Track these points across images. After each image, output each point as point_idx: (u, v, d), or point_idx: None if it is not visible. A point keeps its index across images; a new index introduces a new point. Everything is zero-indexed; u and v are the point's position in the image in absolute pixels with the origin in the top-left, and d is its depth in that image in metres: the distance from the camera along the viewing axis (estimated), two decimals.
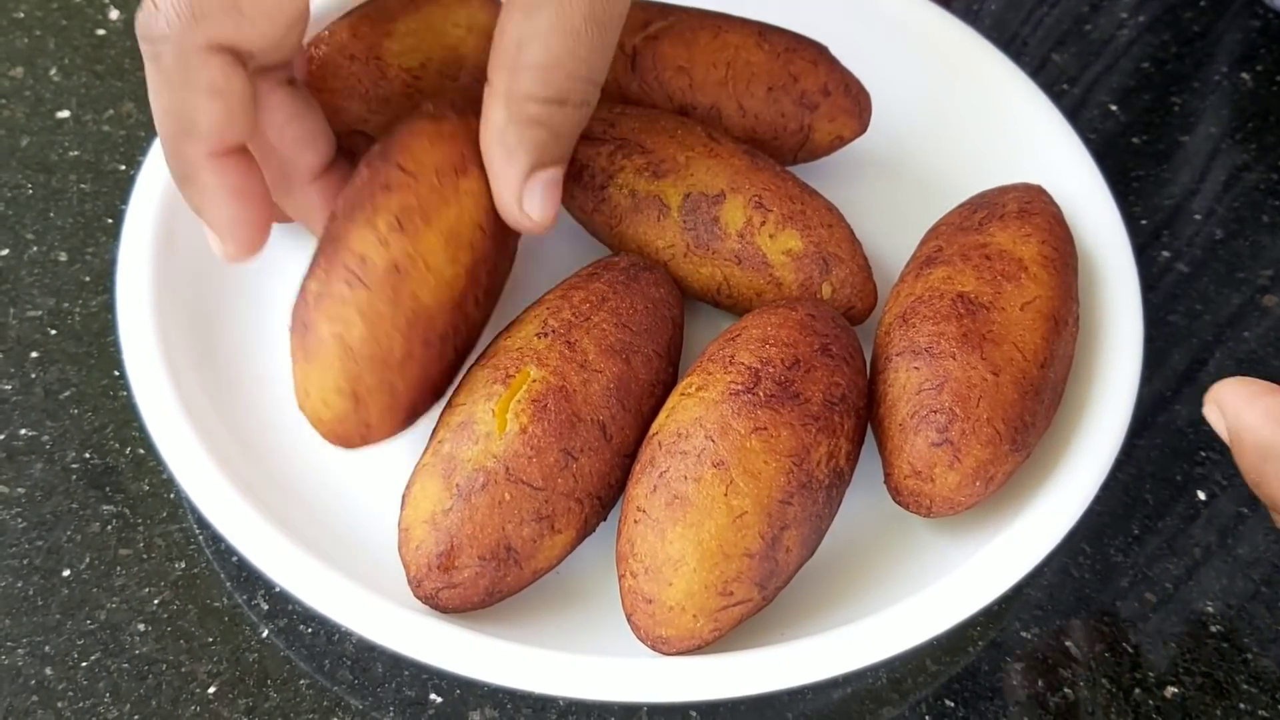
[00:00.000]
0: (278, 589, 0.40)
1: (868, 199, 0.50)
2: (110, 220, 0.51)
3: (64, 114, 0.55)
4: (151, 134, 0.48)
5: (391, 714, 0.40)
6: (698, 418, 0.38)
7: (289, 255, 0.49)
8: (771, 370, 0.39)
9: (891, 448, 0.40)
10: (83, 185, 0.52)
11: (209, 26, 0.35)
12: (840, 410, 0.39)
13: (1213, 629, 0.43)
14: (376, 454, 0.43)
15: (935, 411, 0.39)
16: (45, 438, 0.45)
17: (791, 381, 0.39)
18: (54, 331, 0.48)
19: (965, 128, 0.53)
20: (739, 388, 0.38)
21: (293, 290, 0.38)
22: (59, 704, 0.39)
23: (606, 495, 0.40)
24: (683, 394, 0.39)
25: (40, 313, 0.48)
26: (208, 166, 0.37)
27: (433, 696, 0.40)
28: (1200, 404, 0.36)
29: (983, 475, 0.39)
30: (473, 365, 0.41)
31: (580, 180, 0.46)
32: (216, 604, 0.42)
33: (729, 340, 0.40)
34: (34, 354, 0.47)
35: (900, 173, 0.52)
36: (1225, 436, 0.34)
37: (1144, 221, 0.54)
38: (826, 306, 0.42)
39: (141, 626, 0.41)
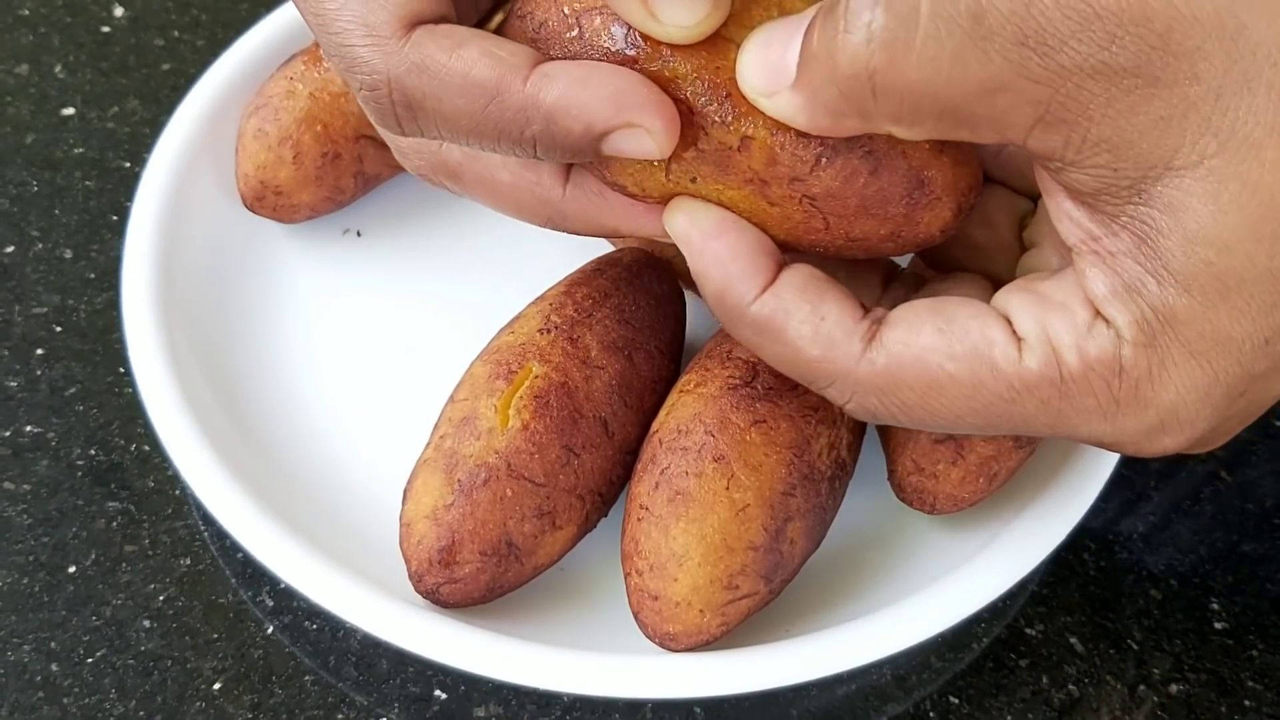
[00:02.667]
0: (283, 585, 0.40)
1: None
2: (115, 217, 0.51)
3: (69, 111, 0.55)
4: (155, 131, 0.48)
5: (396, 710, 0.40)
6: (697, 413, 0.38)
7: (290, 254, 0.49)
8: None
9: (894, 444, 0.40)
10: (88, 182, 0.52)
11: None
12: None
13: (1218, 626, 0.43)
14: (379, 450, 0.44)
15: None
16: (50, 434, 0.45)
17: None
18: (59, 328, 0.48)
19: None
20: (737, 382, 0.38)
21: (295, 290, 0.38)
22: (64, 700, 0.39)
23: (608, 491, 0.40)
24: (682, 391, 0.39)
25: (45, 310, 0.48)
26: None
27: (437, 693, 0.40)
28: None
29: (986, 471, 0.39)
30: (475, 361, 0.41)
31: None
32: (221, 600, 0.42)
33: (726, 336, 0.40)
34: (39, 351, 0.47)
35: None
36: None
37: None
38: None
39: (147, 623, 0.41)
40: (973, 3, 0.26)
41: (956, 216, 0.33)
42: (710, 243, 0.32)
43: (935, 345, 0.31)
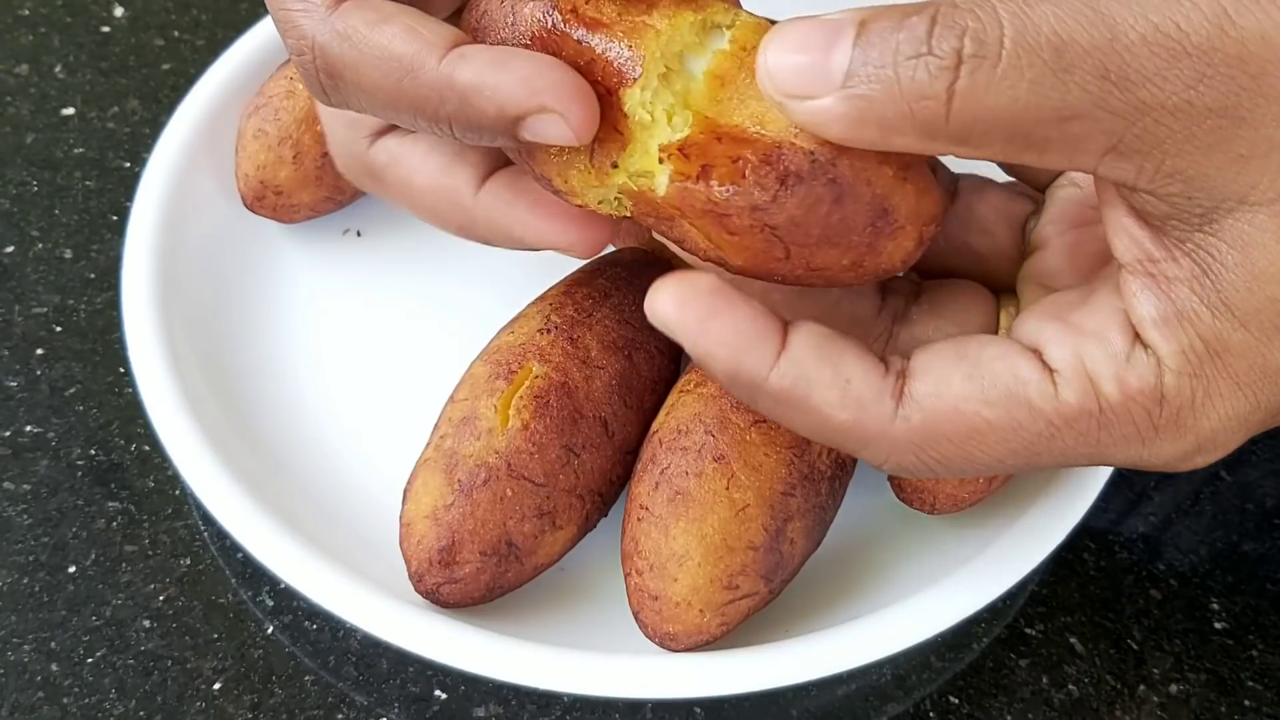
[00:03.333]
0: (283, 585, 0.40)
1: None
2: (115, 217, 0.51)
3: (69, 111, 0.55)
4: (155, 131, 0.48)
5: (396, 710, 0.40)
6: (697, 413, 0.38)
7: (290, 254, 0.49)
8: None
9: None
10: (87, 182, 0.52)
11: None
12: None
13: (1218, 626, 0.43)
14: (379, 450, 0.44)
15: None
16: (50, 434, 0.45)
17: None
18: (59, 328, 0.48)
19: None
20: None
21: (295, 290, 0.38)
22: (64, 700, 0.39)
23: (608, 491, 0.40)
24: (682, 390, 0.39)
25: (45, 309, 0.48)
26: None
27: (437, 693, 0.40)
28: None
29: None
30: (475, 361, 0.41)
31: None
32: (221, 600, 0.42)
33: None
34: (39, 351, 0.47)
35: None
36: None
37: None
38: None
39: (147, 623, 0.41)
40: (1054, 35, 0.26)
41: (919, 246, 0.32)
42: (708, 324, 0.30)
43: (968, 393, 0.30)
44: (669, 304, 0.31)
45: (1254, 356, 0.28)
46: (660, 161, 0.30)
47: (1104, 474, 0.41)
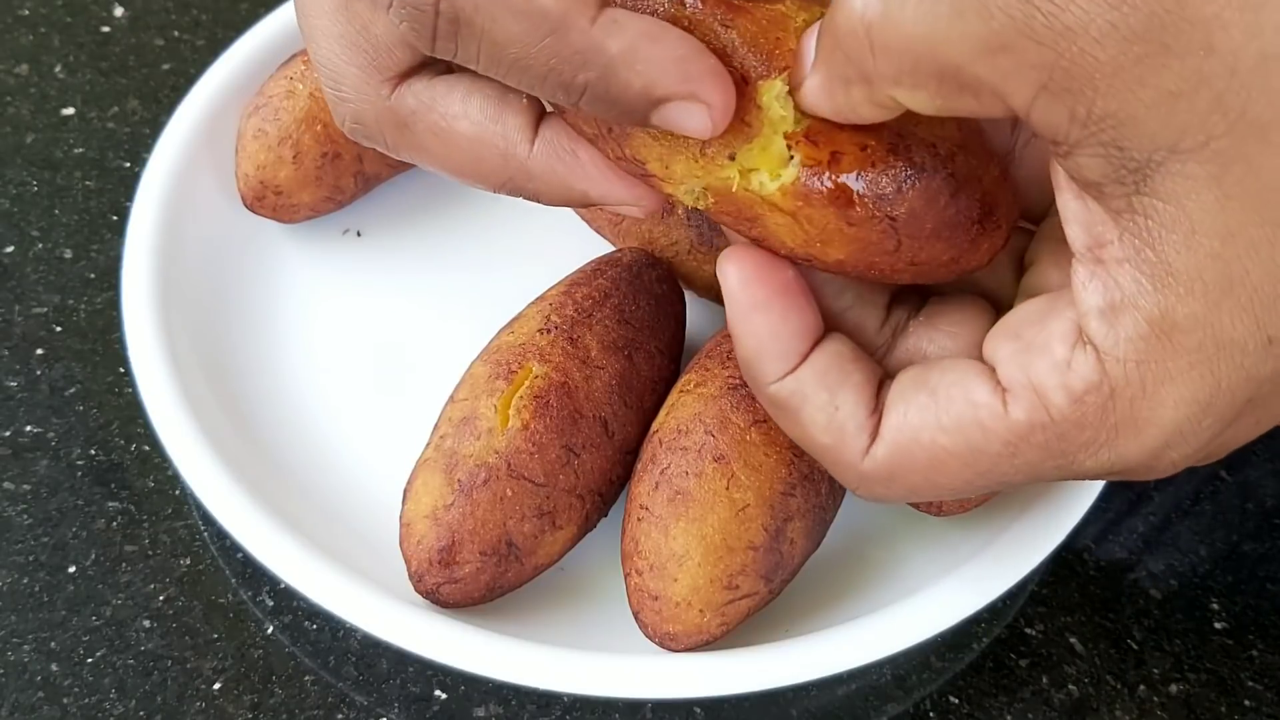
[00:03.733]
0: (282, 585, 0.40)
1: None
2: (115, 217, 0.51)
3: (69, 111, 0.55)
4: (155, 131, 0.48)
5: (396, 710, 0.40)
6: (697, 413, 0.38)
7: (290, 254, 0.49)
8: None
9: None
10: (87, 182, 0.52)
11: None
12: None
13: (1218, 626, 0.43)
14: (379, 450, 0.44)
15: None
16: (50, 434, 0.45)
17: None
18: (59, 328, 0.48)
19: None
20: (737, 381, 0.38)
21: (295, 290, 0.38)
22: (64, 700, 0.39)
23: (608, 491, 0.40)
24: (682, 391, 0.39)
25: (45, 309, 0.48)
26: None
27: (437, 693, 0.40)
28: None
29: None
30: (475, 361, 0.41)
31: None
32: (221, 600, 0.42)
33: (726, 335, 0.40)
34: (39, 351, 0.47)
35: None
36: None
37: None
38: None
39: (147, 623, 0.41)
40: None
41: (1005, 244, 0.32)
42: (754, 315, 0.32)
43: (924, 422, 0.30)
44: (736, 275, 0.32)
45: (1204, 329, 0.27)
46: (789, 149, 0.30)
47: None
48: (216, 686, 0.40)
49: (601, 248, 0.47)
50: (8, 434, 0.45)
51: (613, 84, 0.28)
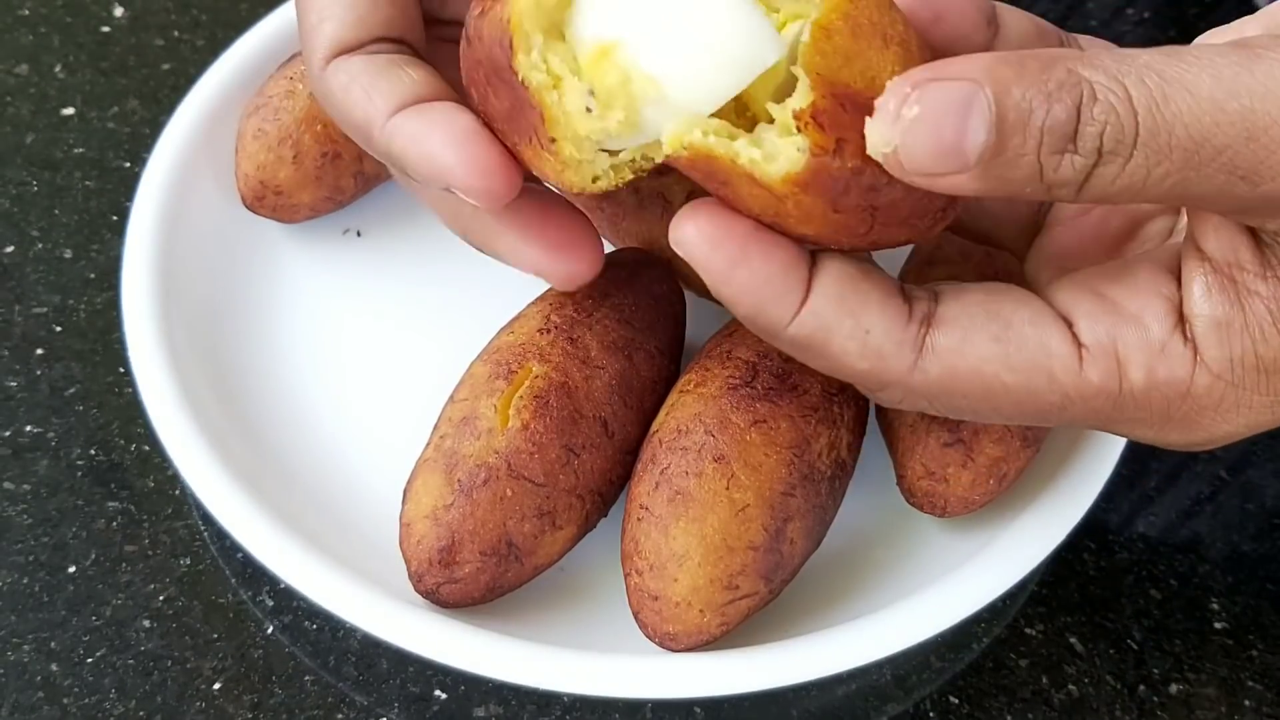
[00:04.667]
0: (282, 585, 0.40)
1: None
2: (115, 217, 0.51)
3: (69, 111, 0.55)
4: (155, 131, 0.48)
5: (396, 710, 0.40)
6: (697, 413, 0.38)
7: (290, 254, 0.49)
8: (769, 363, 0.39)
9: (903, 449, 0.40)
10: (87, 182, 0.52)
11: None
12: (840, 401, 0.39)
13: (1218, 626, 0.43)
14: (379, 450, 0.44)
15: None
16: (50, 434, 0.45)
17: (789, 374, 0.39)
18: (59, 328, 0.48)
19: None
20: (737, 381, 0.38)
21: (295, 290, 0.38)
22: (64, 700, 0.39)
23: (608, 491, 0.40)
24: (682, 391, 0.39)
25: (45, 309, 0.48)
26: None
27: (437, 693, 0.40)
28: None
29: (996, 473, 0.39)
30: (475, 361, 0.41)
31: None
32: (221, 600, 0.42)
33: (726, 335, 0.40)
34: (39, 351, 0.47)
35: None
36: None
37: None
38: None
39: (147, 623, 0.41)
40: (1187, 137, 0.25)
41: (943, 232, 0.33)
42: (737, 271, 0.30)
43: (992, 355, 0.30)
44: (699, 242, 0.30)
45: None
46: (798, 131, 0.28)
47: (1104, 475, 0.41)
48: (216, 686, 0.40)
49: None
50: (8, 434, 0.45)
51: (412, 173, 0.33)
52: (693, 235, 0.30)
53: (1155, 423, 0.30)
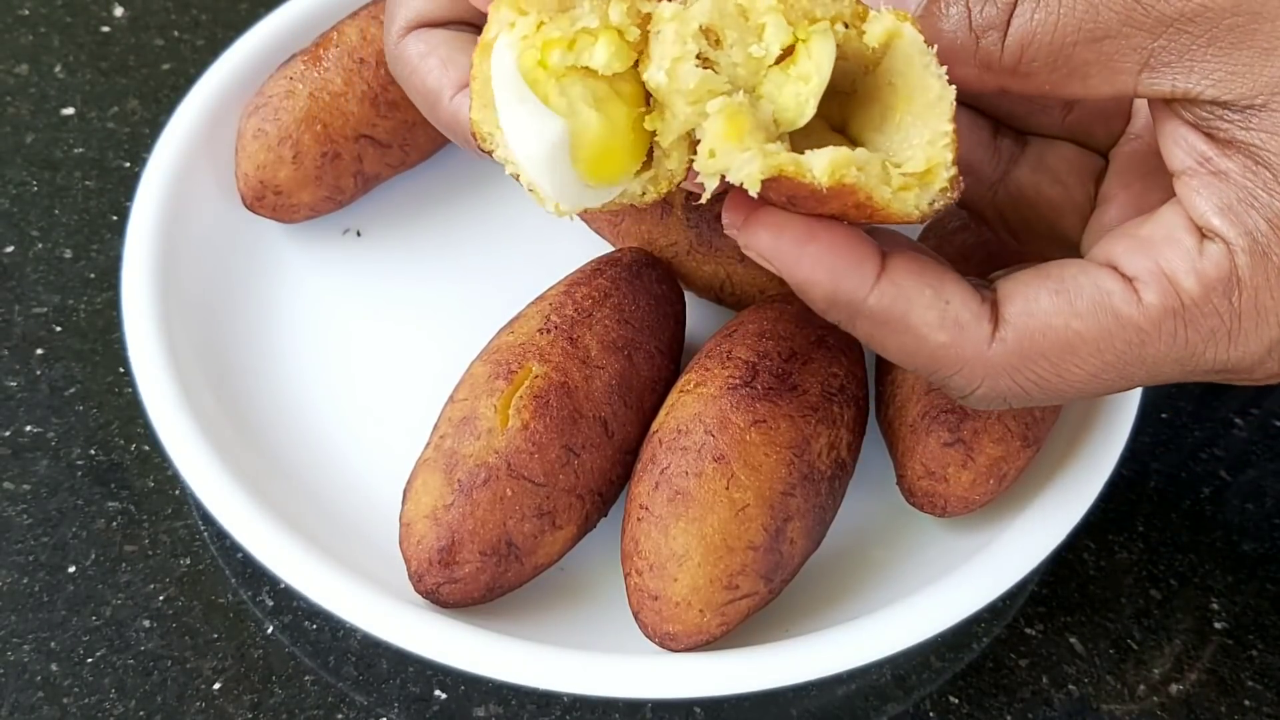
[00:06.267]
0: (282, 585, 0.40)
1: None
2: (115, 217, 0.51)
3: (69, 111, 0.55)
4: (155, 131, 0.48)
5: (396, 710, 0.40)
6: (697, 413, 0.38)
7: (290, 254, 0.49)
8: (769, 363, 0.39)
9: (903, 449, 0.40)
10: (87, 182, 0.52)
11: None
12: (839, 401, 0.39)
13: (1218, 626, 0.43)
14: (379, 450, 0.44)
15: (946, 411, 0.39)
16: (50, 434, 0.45)
17: (789, 374, 0.39)
18: (59, 328, 0.48)
19: None
20: (737, 382, 0.38)
21: (295, 290, 0.38)
22: (64, 700, 0.39)
23: (608, 491, 0.40)
24: (682, 391, 0.39)
25: (45, 309, 0.48)
26: None
27: (437, 693, 0.40)
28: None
29: (996, 473, 0.39)
30: (475, 361, 0.41)
31: None
32: (221, 600, 0.42)
33: (726, 336, 0.40)
34: (39, 351, 0.47)
35: None
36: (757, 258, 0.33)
37: None
38: None
39: (147, 623, 0.41)
40: None
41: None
42: (806, 247, 0.31)
43: (1057, 307, 0.31)
44: (765, 232, 0.32)
45: None
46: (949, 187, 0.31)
47: (1104, 475, 0.41)
48: (216, 686, 0.40)
49: (601, 248, 0.47)
50: (8, 434, 0.45)
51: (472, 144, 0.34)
52: (761, 231, 0.32)
53: (1229, 327, 0.31)
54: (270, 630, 0.41)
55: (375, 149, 0.48)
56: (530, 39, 0.30)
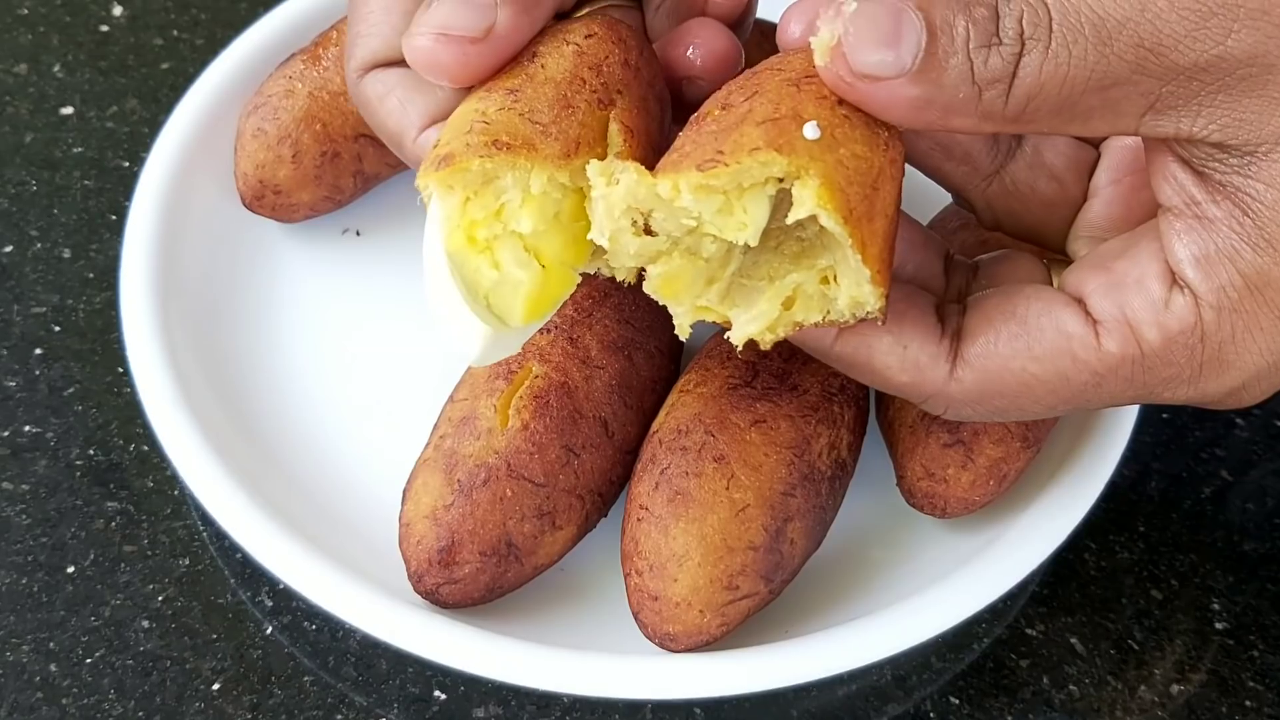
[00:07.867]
0: (281, 586, 0.40)
1: None
2: (114, 217, 0.51)
3: (68, 110, 0.55)
4: (154, 130, 0.48)
5: (395, 711, 0.40)
6: (697, 413, 0.38)
7: (290, 254, 0.49)
8: (769, 363, 0.39)
9: (903, 450, 0.40)
10: (86, 182, 0.52)
11: None
12: (840, 401, 0.39)
13: (1218, 626, 0.43)
14: (379, 450, 0.43)
15: None
16: (49, 434, 0.45)
17: (789, 374, 0.39)
18: (58, 328, 0.48)
19: None
20: (737, 381, 0.38)
21: (294, 290, 0.38)
22: (63, 700, 0.39)
23: (608, 491, 0.40)
24: (682, 390, 0.39)
25: (44, 309, 0.48)
26: None
27: (437, 693, 0.40)
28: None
29: (996, 474, 0.39)
30: None
31: None
32: (220, 601, 0.42)
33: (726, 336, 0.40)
34: (38, 351, 0.47)
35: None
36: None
37: None
38: None
39: (146, 623, 0.41)
40: (1091, 12, 0.28)
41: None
42: None
43: (1015, 351, 0.32)
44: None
45: None
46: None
47: (1104, 475, 0.41)
48: (216, 687, 0.40)
49: None
50: (7, 434, 0.45)
51: None
52: None
53: (1188, 377, 0.31)
54: (269, 631, 0.41)
55: (375, 148, 0.48)
56: (456, 221, 0.31)
